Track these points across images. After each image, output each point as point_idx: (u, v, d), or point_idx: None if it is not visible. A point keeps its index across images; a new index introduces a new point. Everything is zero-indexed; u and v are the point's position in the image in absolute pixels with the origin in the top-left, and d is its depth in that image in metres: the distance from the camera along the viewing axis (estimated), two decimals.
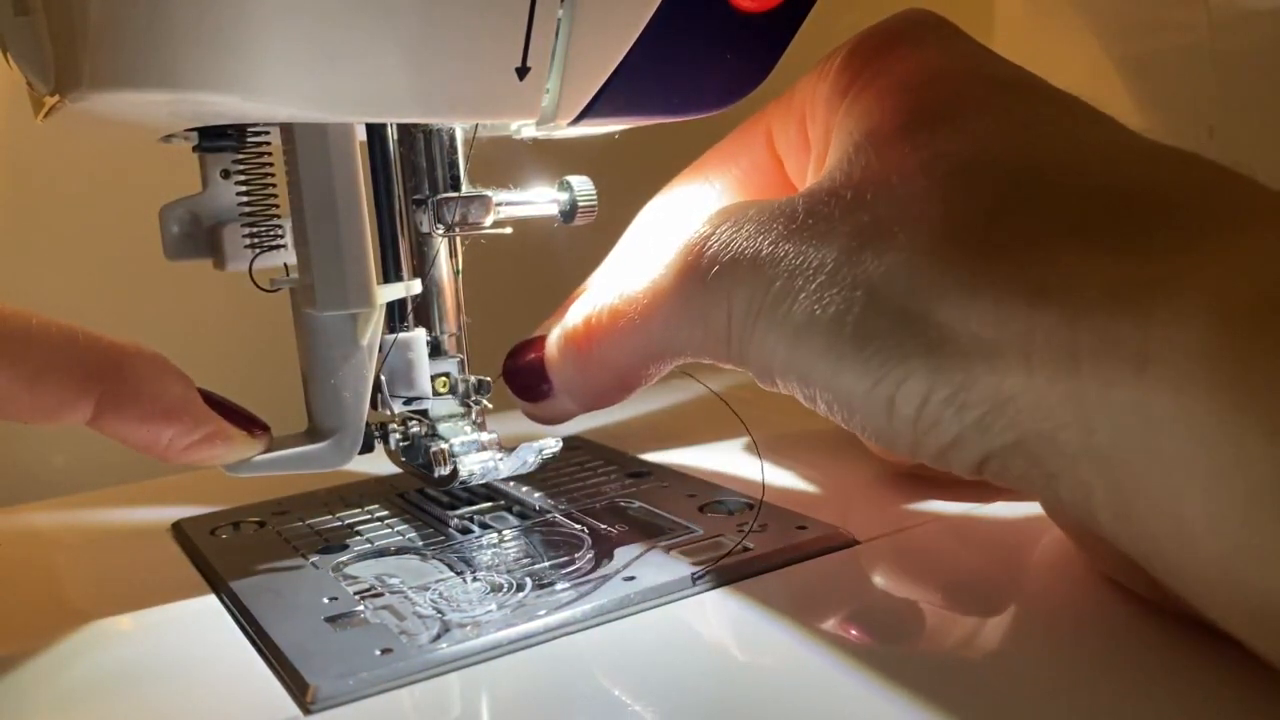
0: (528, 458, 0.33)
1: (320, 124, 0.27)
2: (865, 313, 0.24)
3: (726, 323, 0.27)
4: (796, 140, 0.32)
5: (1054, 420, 0.21)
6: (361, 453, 0.33)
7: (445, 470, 0.32)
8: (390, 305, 0.32)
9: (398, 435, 0.33)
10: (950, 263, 0.23)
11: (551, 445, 0.33)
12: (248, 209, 0.29)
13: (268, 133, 0.29)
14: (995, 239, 0.23)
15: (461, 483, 0.32)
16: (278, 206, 0.30)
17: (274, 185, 0.29)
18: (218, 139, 0.29)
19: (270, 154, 0.29)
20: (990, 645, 0.24)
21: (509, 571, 0.29)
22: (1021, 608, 0.26)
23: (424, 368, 0.32)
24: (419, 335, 0.32)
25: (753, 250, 0.27)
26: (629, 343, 0.31)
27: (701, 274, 0.28)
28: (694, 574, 0.27)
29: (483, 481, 0.33)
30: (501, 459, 0.33)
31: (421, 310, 0.33)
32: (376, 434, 0.33)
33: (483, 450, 0.33)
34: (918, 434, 0.24)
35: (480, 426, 0.33)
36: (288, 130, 0.28)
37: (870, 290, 0.24)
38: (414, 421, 0.33)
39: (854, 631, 0.25)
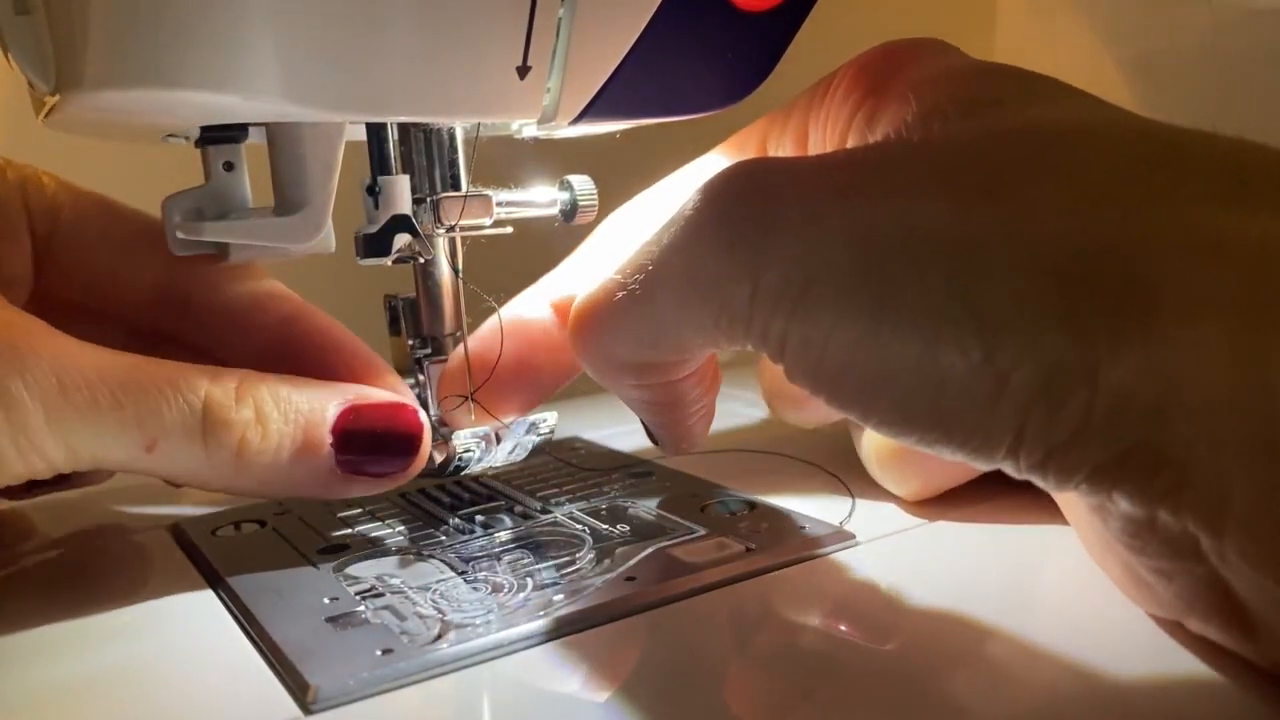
0: (520, 432, 0.32)
1: None
2: (982, 276, 0.20)
3: (748, 300, 0.23)
4: (793, 154, 0.31)
5: (1218, 403, 0.18)
6: None
7: (441, 456, 0.32)
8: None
9: None
10: (1094, 216, 0.20)
11: (548, 419, 0.33)
12: None
13: None
14: (1143, 195, 0.20)
15: (459, 461, 0.32)
16: None
17: None
18: (220, 130, 0.29)
19: None
20: (991, 646, 0.24)
21: (510, 572, 0.29)
22: (1022, 609, 0.26)
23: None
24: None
25: (800, 203, 0.22)
26: (627, 327, 0.26)
27: (726, 238, 0.23)
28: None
29: (482, 464, 0.33)
30: (499, 439, 0.33)
31: (422, 310, 0.33)
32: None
33: (478, 434, 0.33)
34: (1026, 425, 0.19)
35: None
36: None
37: (991, 250, 0.20)
38: None
39: (854, 631, 0.25)
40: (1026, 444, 0.20)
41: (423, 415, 0.31)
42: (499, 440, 0.33)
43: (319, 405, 0.29)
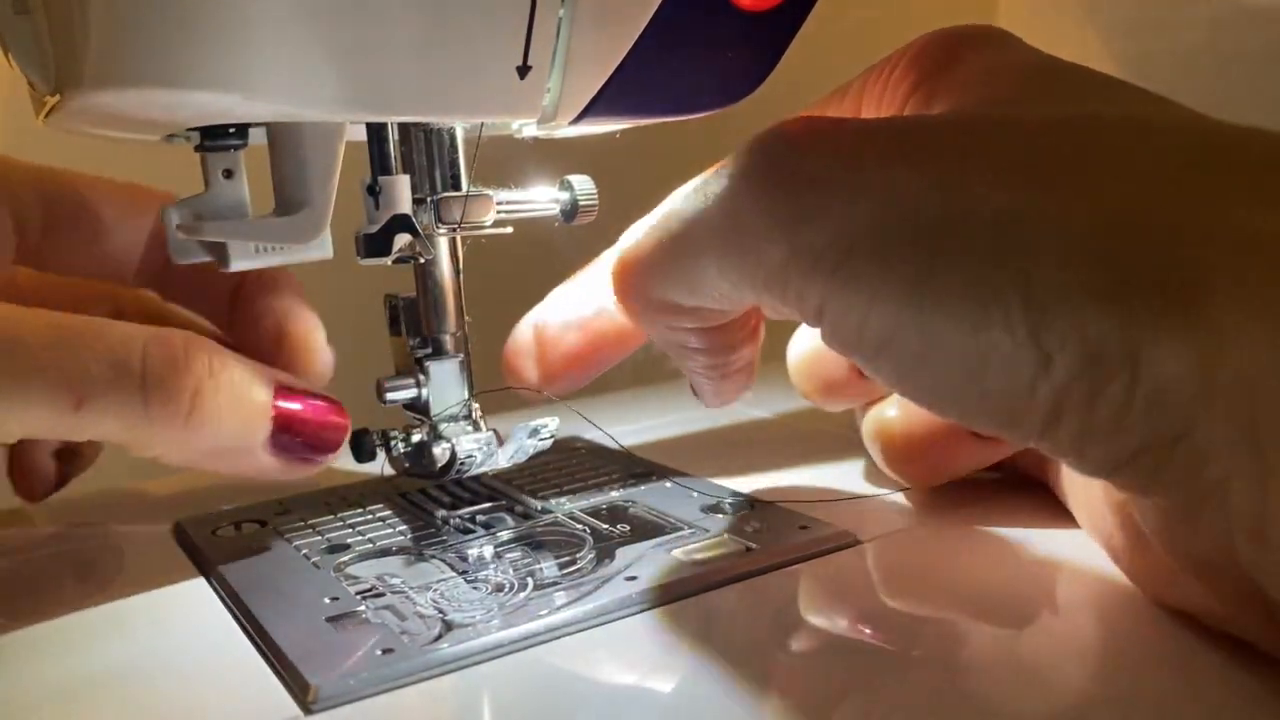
0: (522, 436, 0.32)
1: None
2: (1033, 252, 0.19)
3: (784, 262, 0.22)
4: None
5: (1262, 402, 0.18)
6: (362, 461, 0.33)
7: (444, 460, 0.32)
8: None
9: (400, 442, 0.33)
10: (1149, 204, 0.20)
11: (549, 425, 0.33)
12: None
13: None
14: (1197, 187, 0.20)
15: (460, 466, 0.32)
16: None
17: None
18: (220, 138, 0.29)
19: None
20: (991, 645, 0.24)
21: (510, 571, 0.29)
22: (1023, 609, 0.26)
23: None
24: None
25: (847, 165, 0.22)
26: (667, 275, 0.26)
27: (766, 194, 0.23)
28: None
29: (484, 468, 0.33)
30: (500, 445, 0.33)
31: (422, 310, 0.33)
32: (379, 443, 0.32)
33: (479, 433, 0.33)
34: (1064, 406, 0.19)
35: (478, 426, 0.33)
36: None
37: (1043, 227, 0.20)
38: (415, 430, 0.33)
39: (855, 631, 0.25)
40: (1064, 425, 0.19)
41: (347, 415, 0.31)
42: (501, 443, 0.33)
43: (258, 376, 0.29)
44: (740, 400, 0.32)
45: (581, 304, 0.34)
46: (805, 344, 0.33)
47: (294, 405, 0.30)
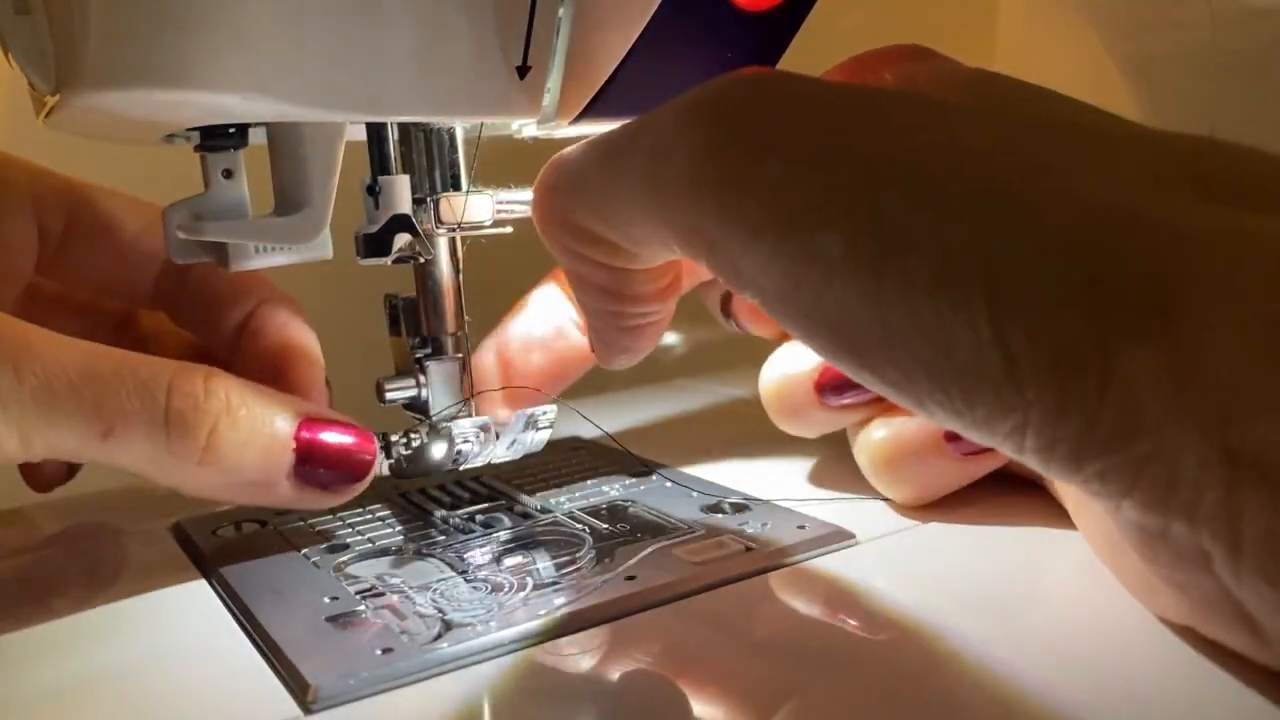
0: (519, 426, 0.32)
1: None
2: (1004, 238, 0.18)
3: (717, 220, 0.20)
4: None
5: (1237, 405, 0.17)
6: None
7: (443, 452, 0.32)
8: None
9: (400, 446, 0.33)
10: (1126, 202, 0.19)
11: (548, 413, 0.33)
12: None
13: None
14: (1168, 193, 0.19)
15: (458, 457, 0.32)
16: None
17: None
18: (219, 139, 0.29)
19: None
20: (990, 645, 0.24)
21: (510, 571, 0.29)
22: (1023, 609, 0.26)
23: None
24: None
25: (809, 123, 0.20)
26: (585, 191, 0.24)
27: (709, 139, 0.21)
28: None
29: (481, 458, 0.33)
30: (498, 434, 0.33)
31: (422, 310, 0.33)
32: (379, 445, 0.32)
33: (477, 425, 0.33)
34: (1032, 410, 0.18)
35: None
36: None
37: (1021, 214, 0.19)
38: (415, 433, 0.33)
39: (854, 630, 0.25)
40: (1032, 428, 0.18)
41: (375, 443, 0.31)
42: (498, 435, 0.33)
43: (282, 409, 0.29)
44: (736, 400, 0.32)
45: (540, 325, 0.35)
46: (776, 371, 0.33)
47: (318, 436, 0.29)
